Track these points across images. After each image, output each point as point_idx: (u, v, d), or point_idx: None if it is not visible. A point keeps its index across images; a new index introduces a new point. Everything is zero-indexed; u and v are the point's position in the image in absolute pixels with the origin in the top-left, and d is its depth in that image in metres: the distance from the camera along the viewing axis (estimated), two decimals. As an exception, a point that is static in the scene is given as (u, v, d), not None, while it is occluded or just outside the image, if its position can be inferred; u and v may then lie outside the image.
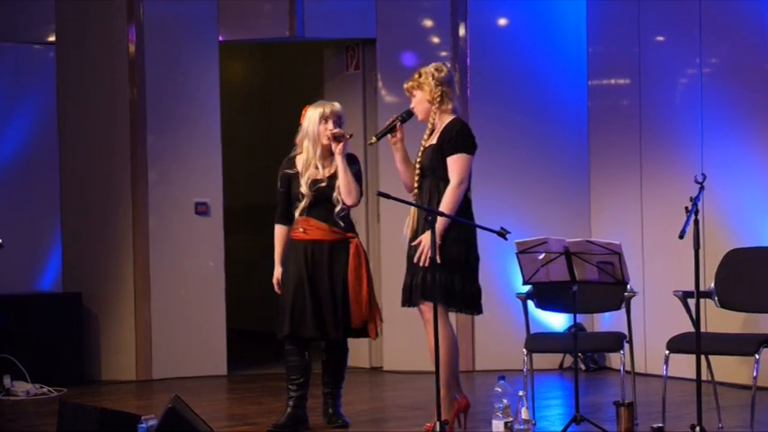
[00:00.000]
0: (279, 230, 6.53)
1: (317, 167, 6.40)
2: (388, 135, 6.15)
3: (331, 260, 6.37)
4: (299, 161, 6.45)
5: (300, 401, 6.44)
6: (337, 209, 6.37)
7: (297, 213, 6.40)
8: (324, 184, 6.37)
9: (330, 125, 6.38)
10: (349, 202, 6.35)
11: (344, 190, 6.33)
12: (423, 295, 5.97)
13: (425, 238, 5.85)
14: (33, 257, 8.58)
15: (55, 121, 8.63)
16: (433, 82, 6.08)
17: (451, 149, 6.02)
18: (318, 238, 6.38)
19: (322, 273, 6.36)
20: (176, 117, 8.65)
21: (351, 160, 6.44)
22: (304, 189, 6.36)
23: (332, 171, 6.39)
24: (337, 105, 6.48)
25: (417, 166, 6.07)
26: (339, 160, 6.34)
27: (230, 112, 9.33)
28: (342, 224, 6.40)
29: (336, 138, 6.35)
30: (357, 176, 6.39)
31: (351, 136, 6.42)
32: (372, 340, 6.51)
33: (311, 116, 6.42)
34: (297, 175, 6.42)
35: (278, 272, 6.47)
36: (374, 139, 6.18)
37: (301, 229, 6.41)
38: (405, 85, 6.17)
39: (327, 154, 6.42)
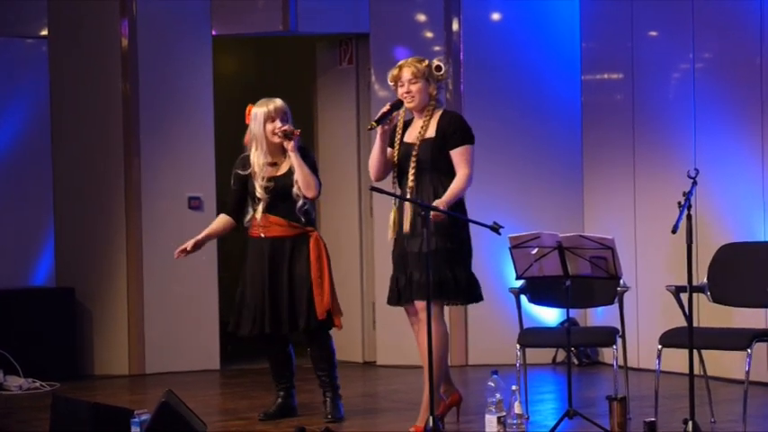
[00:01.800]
0: (220, 218, 6.58)
1: (270, 166, 6.39)
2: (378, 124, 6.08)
3: (292, 255, 6.39)
4: (252, 162, 6.44)
5: (289, 392, 6.61)
6: (299, 204, 6.38)
7: (257, 216, 6.41)
8: (279, 183, 6.38)
9: (278, 123, 6.38)
10: (310, 195, 6.36)
11: (303, 184, 6.33)
12: (418, 294, 5.95)
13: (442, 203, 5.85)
14: (26, 252, 8.58)
15: (48, 116, 8.62)
16: (438, 75, 6.10)
17: (457, 142, 6.01)
18: (279, 235, 6.40)
19: (283, 270, 6.39)
20: (169, 111, 8.64)
21: (305, 152, 6.43)
22: (260, 192, 6.37)
23: (287, 168, 6.39)
24: (279, 102, 6.46)
25: (413, 160, 6.03)
26: (293, 157, 6.34)
27: (223, 106, 9.32)
28: (302, 219, 6.40)
29: (286, 135, 6.34)
30: (313, 168, 6.39)
31: (300, 132, 6.38)
32: (339, 330, 6.52)
33: (257, 116, 6.43)
34: (251, 176, 6.43)
35: (199, 237, 6.50)
36: (374, 124, 6.08)
37: (261, 231, 6.42)
38: (414, 68, 6.06)
39: (278, 151, 6.42)
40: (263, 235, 6.43)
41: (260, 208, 6.40)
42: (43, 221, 8.60)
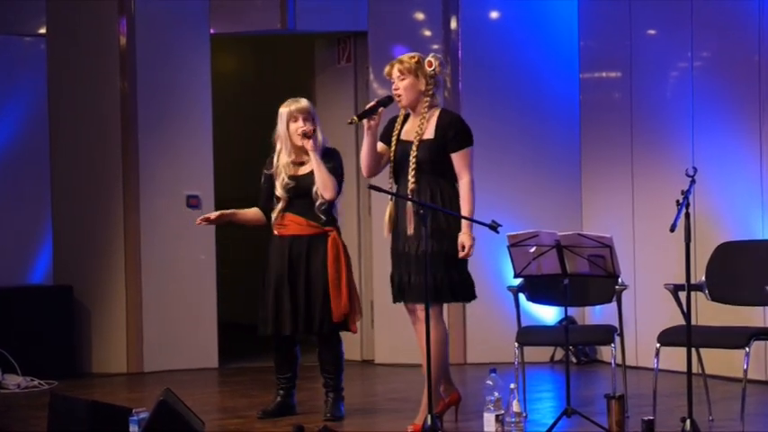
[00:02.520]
0: (252, 209, 6.63)
1: (295, 165, 6.44)
2: (364, 120, 6.04)
3: (309, 254, 6.41)
4: (276, 161, 6.50)
5: (289, 391, 6.63)
6: (317, 203, 6.39)
7: (274, 214, 6.46)
8: (302, 182, 6.41)
9: (300, 123, 6.41)
10: (327, 196, 6.38)
11: (321, 185, 6.36)
12: (414, 296, 5.94)
13: (466, 239, 5.85)
14: (24, 250, 8.57)
15: (46, 114, 8.62)
16: (430, 71, 6.07)
17: (458, 145, 5.99)
18: (297, 233, 6.44)
19: (301, 268, 6.41)
20: (167, 109, 8.64)
21: (330, 154, 6.46)
22: (279, 191, 6.43)
23: (310, 168, 6.43)
24: (304, 102, 6.49)
25: (413, 161, 6.02)
26: (312, 157, 6.38)
27: (222, 104, 9.32)
28: (322, 218, 6.42)
29: (305, 135, 6.37)
30: (334, 171, 6.41)
31: (314, 131, 6.39)
32: (353, 334, 6.54)
33: (281, 116, 6.48)
34: (274, 175, 6.48)
35: (226, 212, 6.63)
36: (355, 119, 6.07)
37: (280, 230, 6.47)
38: (400, 65, 6.03)
39: (303, 151, 6.45)
40: (281, 233, 6.46)
41: (279, 206, 6.45)
42: (41, 220, 8.59)
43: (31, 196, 8.59)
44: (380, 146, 6.17)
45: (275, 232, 6.51)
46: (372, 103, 6.10)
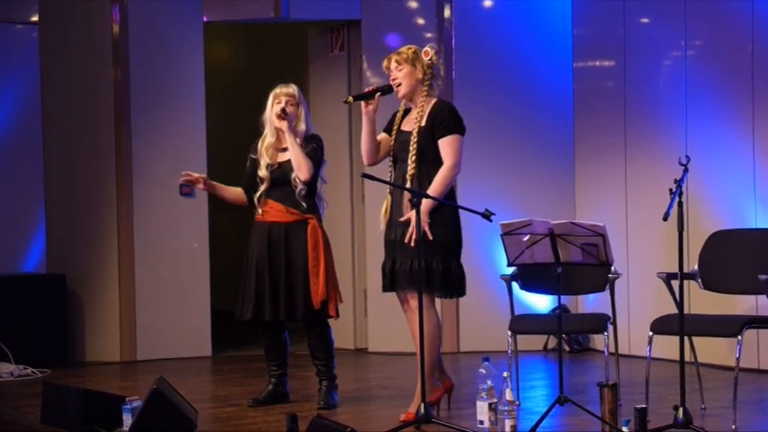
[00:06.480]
0: (237, 188, 6.59)
1: (278, 151, 6.43)
2: (362, 102, 6.04)
3: (288, 242, 6.41)
4: (260, 143, 6.50)
5: (281, 379, 6.62)
6: (297, 189, 6.38)
7: (256, 196, 6.46)
8: (283, 168, 6.40)
9: (282, 105, 6.40)
10: (301, 176, 6.35)
11: (294, 165, 6.35)
12: (410, 284, 5.94)
13: (414, 217, 5.83)
14: (17, 239, 8.57)
15: (39, 102, 8.60)
16: (427, 61, 6.07)
17: (445, 131, 5.98)
18: (276, 220, 6.44)
19: (279, 255, 6.41)
20: (161, 97, 8.63)
21: (310, 139, 6.44)
22: (262, 172, 6.42)
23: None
24: (291, 87, 6.48)
25: (414, 149, 5.99)
26: (286, 137, 6.36)
27: (215, 92, 9.31)
28: (303, 205, 6.40)
29: (279, 116, 6.36)
30: (312, 154, 6.38)
31: (286, 114, 6.35)
32: (335, 320, 6.54)
33: (269, 98, 6.46)
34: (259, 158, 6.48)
35: (212, 182, 6.59)
36: (350, 99, 6.07)
37: (260, 212, 6.47)
38: (398, 56, 6.03)
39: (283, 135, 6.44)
40: (262, 219, 6.46)
41: (262, 188, 6.43)
42: (34, 208, 8.59)
43: (24, 185, 8.58)
44: (384, 136, 6.17)
45: (256, 218, 6.52)
46: (371, 88, 6.10)
